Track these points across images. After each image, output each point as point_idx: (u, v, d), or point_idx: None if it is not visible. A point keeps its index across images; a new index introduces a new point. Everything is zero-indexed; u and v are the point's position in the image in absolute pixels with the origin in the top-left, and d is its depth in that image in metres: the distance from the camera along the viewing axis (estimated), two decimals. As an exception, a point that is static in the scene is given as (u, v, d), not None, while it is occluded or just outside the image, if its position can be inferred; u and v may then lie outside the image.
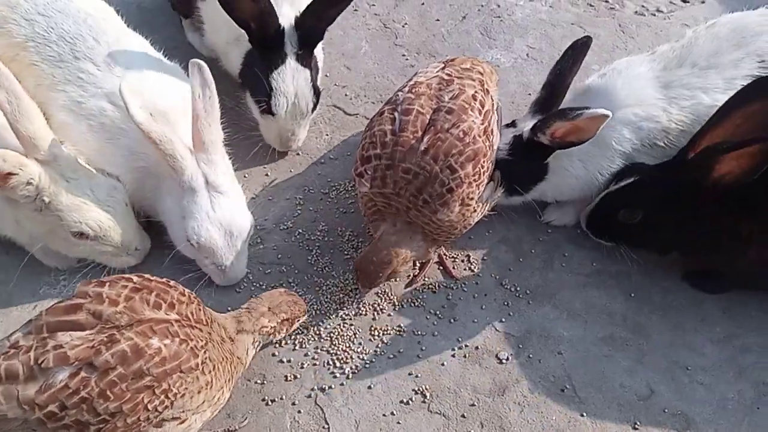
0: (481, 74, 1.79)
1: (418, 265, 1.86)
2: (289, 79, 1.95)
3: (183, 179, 1.66)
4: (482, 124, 1.65)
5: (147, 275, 1.43)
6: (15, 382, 1.24)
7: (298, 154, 2.15)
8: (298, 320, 1.63)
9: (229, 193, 1.73)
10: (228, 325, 1.50)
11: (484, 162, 1.63)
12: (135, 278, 1.39)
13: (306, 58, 1.98)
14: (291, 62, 1.95)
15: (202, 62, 1.67)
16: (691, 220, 1.68)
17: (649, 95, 1.81)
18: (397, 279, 1.83)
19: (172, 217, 1.74)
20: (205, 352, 1.35)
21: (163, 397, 1.28)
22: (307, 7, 1.93)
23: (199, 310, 1.42)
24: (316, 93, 2.02)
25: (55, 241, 1.72)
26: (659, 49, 1.96)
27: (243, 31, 1.92)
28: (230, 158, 1.85)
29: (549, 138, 1.71)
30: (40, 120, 1.62)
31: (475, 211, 1.65)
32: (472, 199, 1.62)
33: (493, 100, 1.76)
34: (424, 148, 1.57)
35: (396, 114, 1.65)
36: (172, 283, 1.43)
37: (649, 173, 1.74)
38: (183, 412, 1.33)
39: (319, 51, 2.26)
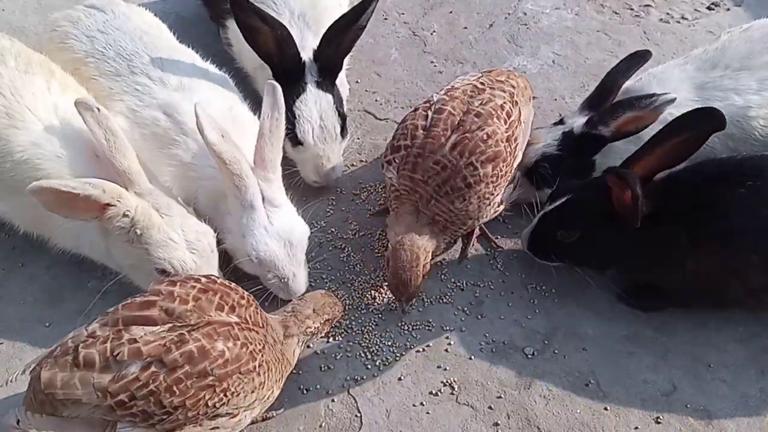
0: (513, 87, 1.89)
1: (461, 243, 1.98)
2: (312, 104, 1.99)
3: (245, 197, 1.69)
4: (506, 132, 1.76)
5: (213, 276, 1.51)
6: (91, 369, 1.32)
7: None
8: (336, 319, 1.68)
9: (284, 206, 1.78)
10: (278, 328, 1.56)
11: (503, 166, 1.75)
12: (203, 279, 1.47)
13: (327, 85, 2.03)
14: (312, 89, 2.00)
15: (276, 84, 1.74)
16: (625, 236, 1.68)
17: (683, 97, 1.86)
18: (426, 276, 1.90)
19: (232, 236, 1.77)
20: (262, 355, 1.43)
21: (222, 395, 1.36)
22: (322, 39, 1.99)
23: (256, 313, 1.49)
24: (342, 116, 2.04)
25: (138, 275, 1.74)
26: (693, 53, 2.03)
27: None
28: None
29: (612, 129, 1.81)
30: (133, 156, 1.68)
31: (490, 205, 1.77)
32: (492, 194, 1.74)
33: (521, 113, 1.85)
34: (452, 145, 1.70)
35: (429, 112, 1.77)
36: (233, 285, 1.50)
37: (581, 192, 1.76)
38: (236, 408, 1.42)
39: (344, 83, 2.33)
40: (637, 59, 1.99)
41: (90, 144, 1.71)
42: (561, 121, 2.00)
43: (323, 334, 1.67)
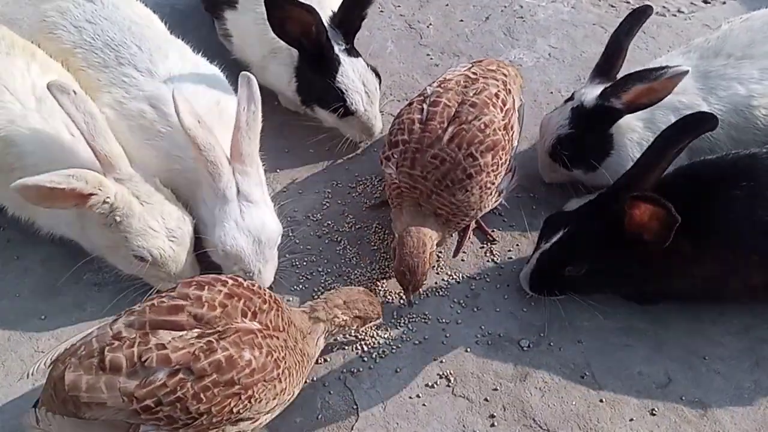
0: (505, 76, 1.89)
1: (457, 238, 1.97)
2: (352, 74, 2.03)
3: (219, 186, 1.69)
4: (503, 120, 1.77)
5: (239, 278, 1.50)
6: (118, 374, 1.30)
7: (327, 149, 2.22)
8: (371, 321, 1.67)
9: (260, 203, 1.76)
10: (303, 319, 1.56)
11: (502, 154, 1.75)
12: (230, 281, 1.46)
13: (353, 50, 2.07)
14: (345, 59, 2.03)
15: (251, 76, 1.72)
16: (634, 256, 1.65)
17: (689, 84, 1.85)
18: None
19: (203, 225, 1.78)
20: (285, 362, 1.43)
21: (246, 402, 1.37)
22: (344, 3, 2.02)
23: (277, 316, 1.47)
24: (376, 72, 2.10)
25: (115, 257, 1.75)
26: (695, 41, 2.02)
27: (280, 44, 1.99)
28: (261, 154, 1.92)
29: (624, 102, 1.78)
30: (113, 139, 1.67)
31: (491, 195, 1.77)
32: (493, 183, 1.75)
33: (514, 100, 1.85)
34: (450, 137, 1.70)
35: (424, 105, 1.77)
36: (256, 288, 1.49)
37: (579, 222, 1.70)
38: (258, 413, 1.42)
39: None
40: (638, 15, 1.93)
41: (65, 121, 1.71)
42: (571, 97, 1.96)
43: (353, 331, 1.67)
